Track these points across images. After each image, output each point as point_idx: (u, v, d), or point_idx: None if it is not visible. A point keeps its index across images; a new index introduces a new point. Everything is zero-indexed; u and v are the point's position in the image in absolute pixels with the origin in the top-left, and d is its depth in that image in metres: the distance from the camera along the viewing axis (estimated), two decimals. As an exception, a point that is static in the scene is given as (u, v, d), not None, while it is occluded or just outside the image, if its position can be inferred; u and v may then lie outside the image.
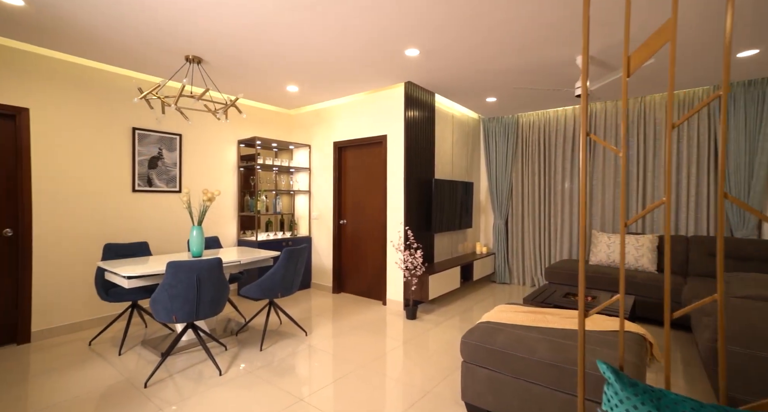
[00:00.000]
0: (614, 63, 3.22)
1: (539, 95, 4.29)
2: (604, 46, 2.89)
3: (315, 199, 4.94)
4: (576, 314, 2.29)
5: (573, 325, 2.09)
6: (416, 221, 4.16)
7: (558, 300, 3.05)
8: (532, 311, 2.41)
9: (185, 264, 2.33)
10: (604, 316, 2.30)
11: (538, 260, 5.11)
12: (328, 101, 4.71)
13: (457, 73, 3.61)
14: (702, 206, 4.00)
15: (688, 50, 2.99)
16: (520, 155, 5.26)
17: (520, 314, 2.33)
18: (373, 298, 4.43)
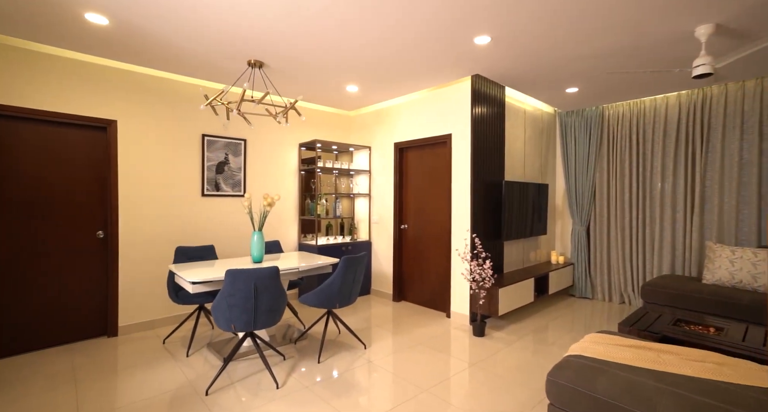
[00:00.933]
0: (755, 29, 2.52)
1: (637, 81, 3.64)
2: (743, 7, 2.26)
3: (375, 202, 4.78)
4: (706, 356, 1.78)
5: (706, 372, 1.60)
6: (484, 227, 3.78)
7: (669, 330, 2.48)
8: (638, 346, 1.94)
9: (243, 272, 2.27)
10: (750, 362, 1.76)
11: (629, 273, 4.38)
12: (388, 101, 4.51)
13: (533, 61, 3.17)
14: None
15: None
16: (606, 153, 4.57)
17: (622, 349, 1.88)
18: (436, 309, 4.13)
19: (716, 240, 3.80)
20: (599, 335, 2.12)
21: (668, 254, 4.09)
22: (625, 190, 4.39)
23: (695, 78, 2.44)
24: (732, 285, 3.29)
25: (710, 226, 3.85)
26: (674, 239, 4.06)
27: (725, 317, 3.08)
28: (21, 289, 2.94)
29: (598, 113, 4.56)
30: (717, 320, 2.71)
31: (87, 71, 3.14)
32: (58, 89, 3.01)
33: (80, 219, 3.19)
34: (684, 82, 3.71)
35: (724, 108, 3.75)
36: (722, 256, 3.39)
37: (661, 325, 2.57)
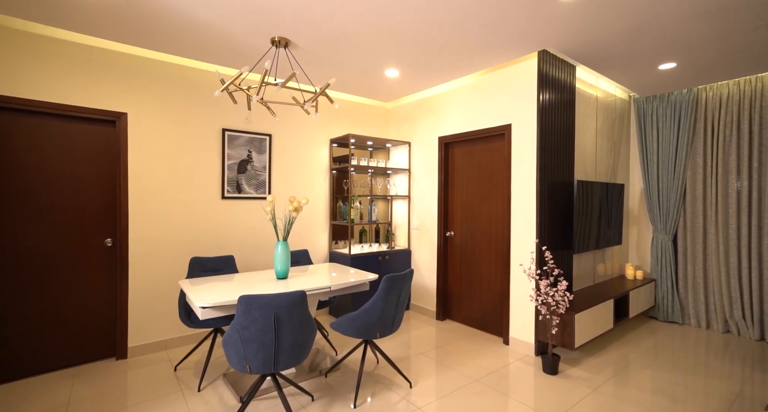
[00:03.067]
0: None
1: (759, 51, 2.81)
2: None
3: (415, 205, 4.19)
4: None
5: None
6: (551, 236, 3.09)
7: None
8: None
9: (259, 299, 1.75)
10: None
11: (736, 294, 3.51)
12: (432, 88, 3.91)
13: (628, 25, 2.46)
14: None
15: None
16: (702, 145, 3.72)
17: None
18: (490, 332, 3.48)
19: None
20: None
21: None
22: (730, 191, 3.54)
23: None
24: None
25: None
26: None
27: None
28: (21, 303, 2.60)
29: (691, 97, 3.73)
30: None
31: (93, 57, 2.77)
32: (59, 77, 2.66)
33: (86, 225, 2.83)
34: (824, 51, 2.84)
35: None
36: None
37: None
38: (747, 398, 2.41)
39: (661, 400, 2.34)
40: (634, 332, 3.58)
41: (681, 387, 2.52)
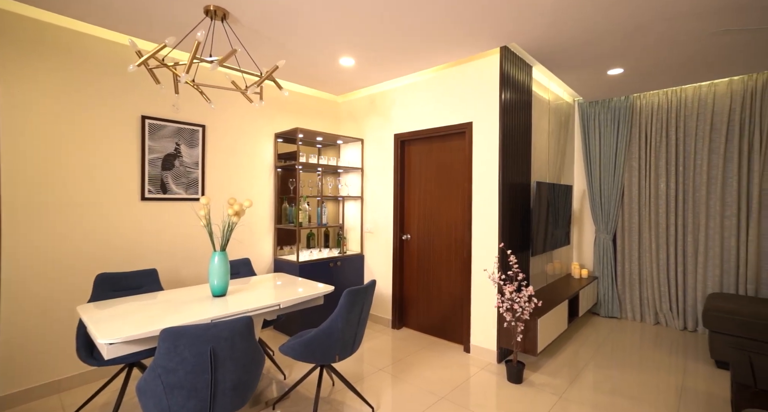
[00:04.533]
0: None
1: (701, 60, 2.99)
2: None
3: (369, 207, 3.92)
4: None
5: None
6: (511, 239, 3.03)
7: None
8: None
9: (190, 332, 1.35)
10: None
11: (665, 289, 3.79)
12: (388, 82, 3.67)
13: (587, 27, 2.44)
14: None
15: None
16: (637, 150, 3.96)
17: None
18: (450, 340, 3.33)
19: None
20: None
21: (716, 268, 3.52)
22: (661, 193, 3.80)
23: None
24: (812, 309, 2.72)
25: (766, 234, 3.30)
26: (723, 250, 3.49)
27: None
28: None
29: (628, 104, 3.95)
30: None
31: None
32: None
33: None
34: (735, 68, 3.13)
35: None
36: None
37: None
38: (691, 389, 2.52)
39: (620, 401, 2.35)
40: (582, 330, 3.69)
41: (635, 385, 2.57)
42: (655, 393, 2.46)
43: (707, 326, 2.92)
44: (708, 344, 3.30)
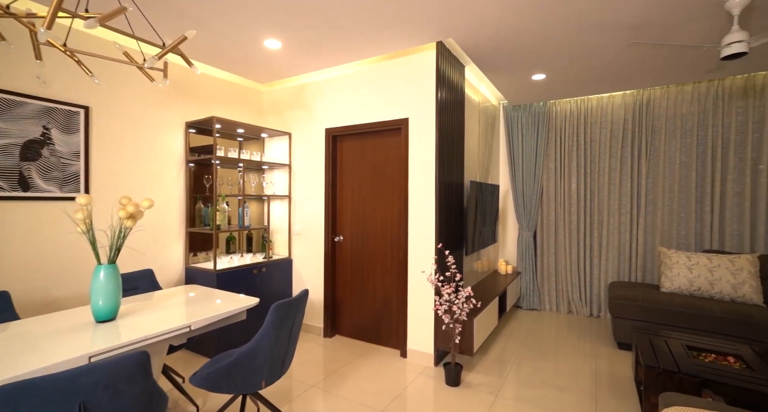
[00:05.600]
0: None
1: (612, 72, 3.29)
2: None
3: (298, 207, 3.61)
4: None
5: None
6: (447, 239, 3.00)
7: (706, 371, 2.02)
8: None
9: (42, 386, 0.97)
10: None
11: (575, 280, 4.16)
12: (319, 72, 3.40)
13: (531, 23, 2.49)
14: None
15: None
16: (553, 152, 4.29)
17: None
18: (386, 345, 3.20)
19: (659, 244, 3.76)
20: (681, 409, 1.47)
21: (614, 259, 3.95)
22: (572, 193, 4.16)
23: (724, 59, 2.05)
24: (690, 293, 3.17)
25: (652, 229, 3.80)
26: (620, 243, 3.94)
27: (697, 330, 2.89)
28: None
29: (545, 109, 4.25)
30: (695, 337, 2.43)
31: None
32: None
33: None
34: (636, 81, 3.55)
35: (665, 110, 3.72)
36: (679, 262, 3.26)
37: (683, 360, 2.13)
38: (602, 373, 2.74)
39: (550, 393, 2.44)
40: (508, 324, 3.86)
41: (559, 374, 2.71)
42: (576, 380, 2.62)
43: (611, 313, 3.23)
44: (611, 328, 3.68)
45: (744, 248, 3.42)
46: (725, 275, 3.04)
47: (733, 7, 1.99)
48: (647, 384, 2.06)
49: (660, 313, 3.02)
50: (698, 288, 3.14)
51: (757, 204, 3.37)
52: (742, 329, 2.75)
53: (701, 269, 3.15)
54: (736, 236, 3.45)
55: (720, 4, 2.12)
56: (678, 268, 3.24)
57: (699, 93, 3.58)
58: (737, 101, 3.44)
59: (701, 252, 3.32)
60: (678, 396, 1.59)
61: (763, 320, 2.70)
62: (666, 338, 2.46)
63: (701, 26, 2.38)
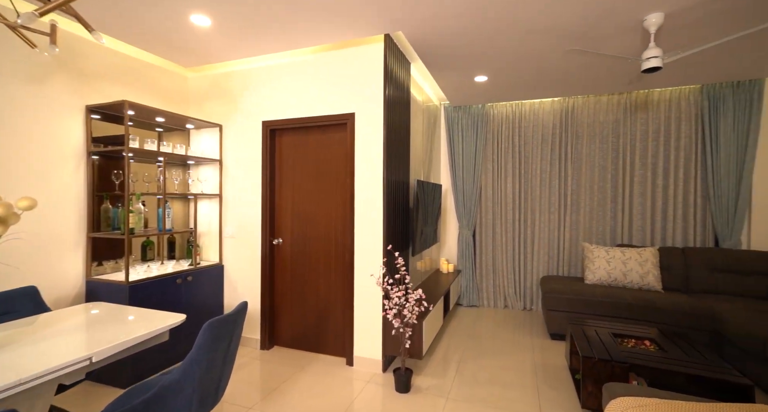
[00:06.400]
0: (701, 27, 2.50)
1: (543, 80, 3.48)
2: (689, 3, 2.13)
3: (230, 207, 3.25)
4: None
5: None
6: (394, 240, 2.92)
7: (632, 357, 2.19)
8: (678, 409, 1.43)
9: None
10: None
11: (511, 276, 4.38)
12: (257, 59, 3.09)
13: (476, 21, 2.50)
14: (689, 213, 3.75)
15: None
16: (491, 153, 4.46)
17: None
18: (331, 353, 3.02)
19: (582, 240, 4.11)
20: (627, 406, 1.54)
21: (545, 255, 4.23)
22: (509, 192, 4.37)
23: (644, 72, 2.25)
24: (608, 283, 3.50)
25: (576, 226, 4.14)
26: (550, 239, 4.23)
27: (615, 317, 3.19)
28: None
29: (484, 112, 4.40)
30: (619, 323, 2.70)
31: None
32: None
33: None
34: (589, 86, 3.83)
35: (586, 118, 4.08)
36: (599, 256, 3.58)
37: (612, 349, 2.29)
38: (540, 364, 2.88)
39: (497, 390, 2.49)
40: (451, 322, 3.92)
41: (502, 369, 2.78)
42: (518, 374, 2.71)
43: (543, 306, 3.44)
44: (543, 320, 3.93)
45: (646, 241, 3.88)
46: (635, 266, 3.41)
47: (650, 25, 2.19)
48: (585, 373, 2.18)
49: (585, 303, 3.27)
50: (615, 279, 3.47)
51: (656, 203, 3.84)
52: (649, 314, 3.09)
53: (617, 262, 3.49)
54: (641, 232, 3.90)
55: (640, 21, 2.33)
56: (599, 261, 3.56)
57: (612, 104, 3.99)
58: (640, 113, 3.89)
59: (616, 246, 3.68)
60: (619, 386, 1.68)
61: (663, 305, 3.06)
62: (595, 327, 2.66)
63: (626, 40, 2.60)
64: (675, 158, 3.78)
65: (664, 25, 2.35)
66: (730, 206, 3.57)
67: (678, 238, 3.77)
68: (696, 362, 2.09)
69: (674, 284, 3.47)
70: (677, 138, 3.77)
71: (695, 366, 2.04)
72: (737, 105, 3.56)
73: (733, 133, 3.58)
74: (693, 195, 3.73)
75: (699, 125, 3.72)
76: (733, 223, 3.57)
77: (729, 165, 3.58)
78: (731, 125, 3.58)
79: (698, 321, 2.95)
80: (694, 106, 3.73)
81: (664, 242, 3.82)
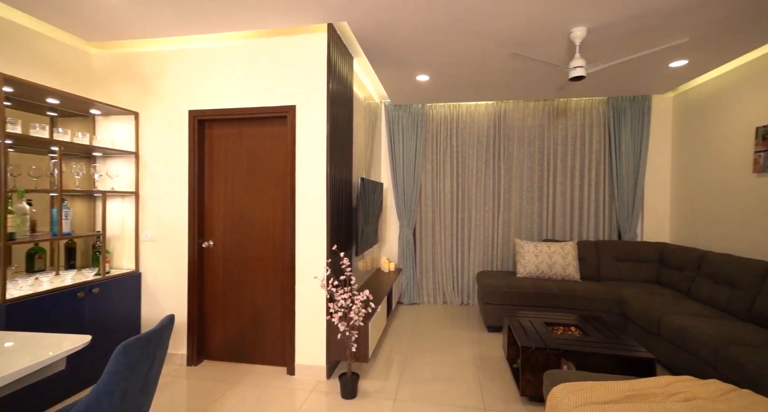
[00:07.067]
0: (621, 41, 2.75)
1: (482, 82, 3.61)
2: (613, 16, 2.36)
3: (149, 207, 2.84)
4: (698, 391, 1.57)
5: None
6: (338, 240, 2.81)
7: (564, 344, 2.35)
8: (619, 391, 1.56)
9: None
10: (717, 383, 1.66)
11: (449, 273, 4.53)
12: (185, 40, 2.74)
13: (419, 20, 2.48)
14: (600, 210, 4.22)
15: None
16: (430, 153, 4.56)
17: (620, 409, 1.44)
18: (270, 363, 2.80)
19: (514, 236, 4.40)
20: (567, 386, 1.64)
21: (481, 251, 4.45)
22: (447, 191, 4.51)
23: (571, 80, 2.44)
24: (537, 276, 3.79)
25: (509, 223, 4.42)
26: (485, 236, 4.45)
27: (544, 307, 3.45)
28: None
29: (423, 111, 4.48)
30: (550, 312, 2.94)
31: None
32: None
33: None
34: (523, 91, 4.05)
35: (516, 121, 4.37)
36: (529, 251, 3.86)
37: (547, 337, 2.46)
38: (480, 356, 3.00)
39: (442, 386, 2.52)
40: (394, 321, 3.92)
41: (446, 365, 2.84)
42: (460, 369, 2.78)
43: (481, 300, 3.60)
44: (479, 314, 4.13)
45: (567, 236, 4.29)
46: (558, 259, 3.74)
47: (576, 38, 2.40)
48: (524, 363, 2.29)
49: (518, 296, 3.49)
50: (542, 272, 3.77)
51: (573, 202, 4.26)
52: (570, 302, 3.40)
53: (543, 256, 3.79)
54: (562, 227, 4.30)
55: (568, 33, 2.53)
56: (528, 256, 3.83)
57: (538, 109, 4.33)
58: (561, 119, 4.29)
59: (542, 241, 4.00)
60: (559, 373, 1.78)
61: (582, 293, 3.39)
62: (529, 318, 2.83)
63: (556, 49, 2.81)
64: (588, 161, 4.23)
65: (587, 39, 2.58)
66: (629, 203, 4.10)
67: (591, 232, 4.22)
68: (612, 342, 2.33)
69: (589, 274, 3.88)
70: (590, 143, 4.23)
71: (612, 347, 2.27)
72: (634, 117, 4.10)
73: (631, 141, 4.11)
74: (602, 194, 4.21)
75: (606, 133, 4.21)
76: (631, 218, 4.10)
77: (628, 168, 4.11)
78: (630, 134, 4.11)
79: (609, 305, 3.33)
80: (603, 116, 4.21)
81: (581, 236, 4.25)
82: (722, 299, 2.84)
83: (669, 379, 1.68)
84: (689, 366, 2.45)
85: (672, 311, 2.80)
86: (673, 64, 3.15)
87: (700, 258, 3.23)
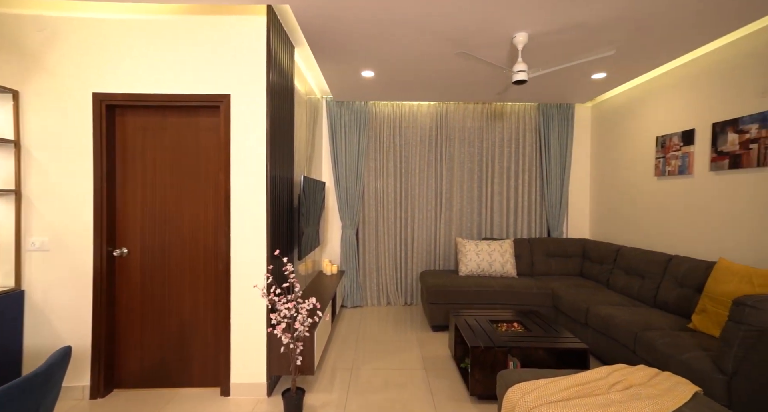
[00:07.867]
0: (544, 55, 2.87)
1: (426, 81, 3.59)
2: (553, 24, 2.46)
3: (37, 208, 2.32)
4: (631, 378, 1.66)
5: (630, 398, 1.42)
6: (279, 243, 2.57)
7: (510, 341, 2.41)
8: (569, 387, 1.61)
9: None
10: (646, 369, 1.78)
11: (393, 274, 4.49)
12: (87, 4, 2.27)
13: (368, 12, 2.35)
14: (532, 209, 4.50)
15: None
16: (373, 152, 4.47)
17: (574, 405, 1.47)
18: (200, 385, 2.46)
19: (455, 235, 4.50)
20: (523, 386, 1.64)
21: (423, 251, 4.48)
22: (390, 191, 4.45)
23: (514, 83, 2.51)
24: (478, 274, 3.91)
25: (450, 223, 4.51)
26: (427, 236, 4.49)
27: (486, 303, 3.56)
28: None
29: (366, 109, 4.37)
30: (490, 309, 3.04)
31: None
32: None
33: None
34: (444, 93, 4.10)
35: (457, 122, 4.48)
36: (470, 250, 3.97)
37: (494, 335, 2.50)
38: (427, 357, 2.99)
39: (392, 393, 2.43)
40: (338, 326, 3.75)
41: (395, 370, 2.76)
42: (409, 373, 2.73)
43: (425, 300, 3.61)
44: (424, 314, 4.15)
45: (504, 234, 4.51)
46: (497, 257, 3.90)
47: (518, 43, 2.48)
48: (473, 362, 2.30)
49: (461, 294, 3.56)
50: (483, 269, 3.90)
51: (509, 201, 4.50)
52: (509, 297, 3.56)
53: (484, 254, 3.93)
54: (499, 226, 4.51)
55: (510, 37, 2.61)
56: (470, 254, 3.94)
57: (477, 112, 4.48)
58: (497, 122, 4.50)
59: (482, 240, 4.15)
60: (512, 373, 1.80)
61: (519, 289, 3.57)
62: (475, 316, 2.88)
63: (500, 52, 2.88)
64: (522, 163, 4.49)
65: (528, 45, 2.69)
66: (557, 203, 4.44)
67: (525, 230, 4.49)
68: (552, 336, 2.46)
69: (524, 270, 4.11)
70: (524, 146, 4.49)
71: (552, 341, 2.39)
72: (560, 123, 4.45)
73: (558, 145, 4.45)
74: (534, 194, 4.50)
75: (537, 137, 4.51)
76: (559, 217, 4.45)
77: (556, 171, 4.45)
78: (557, 138, 4.45)
79: (543, 299, 3.55)
80: (534, 121, 4.50)
81: (516, 234, 4.50)
82: (634, 289, 3.17)
83: (608, 369, 1.79)
84: (613, 352, 2.67)
85: (597, 301, 3.06)
86: (595, 76, 3.45)
87: (616, 252, 3.60)
